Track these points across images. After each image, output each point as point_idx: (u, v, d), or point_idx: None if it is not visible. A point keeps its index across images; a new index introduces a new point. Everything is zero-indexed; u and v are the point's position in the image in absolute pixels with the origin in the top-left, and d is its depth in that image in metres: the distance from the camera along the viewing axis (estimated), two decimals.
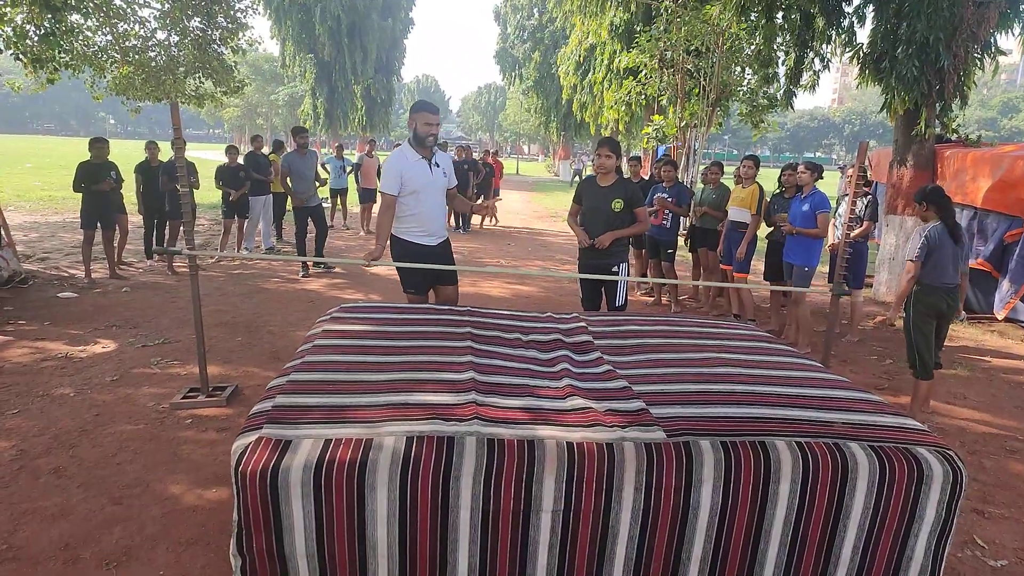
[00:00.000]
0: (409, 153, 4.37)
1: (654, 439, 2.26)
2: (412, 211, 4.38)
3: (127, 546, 2.86)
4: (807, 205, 5.96)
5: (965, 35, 7.19)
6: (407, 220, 4.41)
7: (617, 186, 4.88)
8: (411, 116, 4.38)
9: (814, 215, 5.87)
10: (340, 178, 13.25)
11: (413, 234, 4.44)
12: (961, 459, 2.36)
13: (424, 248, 4.46)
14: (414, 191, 4.34)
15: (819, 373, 3.06)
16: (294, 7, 31.12)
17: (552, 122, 34.18)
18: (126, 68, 10.85)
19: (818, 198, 5.95)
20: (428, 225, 4.47)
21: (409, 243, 4.45)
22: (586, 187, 5.08)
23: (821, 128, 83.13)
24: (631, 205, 4.85)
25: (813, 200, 5.95)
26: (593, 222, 4.95)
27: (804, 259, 6.02)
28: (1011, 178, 7.21)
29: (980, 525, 3.39)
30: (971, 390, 5.42)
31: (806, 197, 6.02)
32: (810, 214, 5.89)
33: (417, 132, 4.32)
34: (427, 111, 4.33)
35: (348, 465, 2.11)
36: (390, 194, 4.33)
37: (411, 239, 4.45)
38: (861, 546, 2.32)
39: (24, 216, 13.05)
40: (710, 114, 12.09)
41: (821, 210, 5.88)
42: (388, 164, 4.46)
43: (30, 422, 4.01)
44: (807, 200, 6.00)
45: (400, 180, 4.31)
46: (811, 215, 5.89)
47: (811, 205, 5.92)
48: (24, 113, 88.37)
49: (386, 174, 4.37)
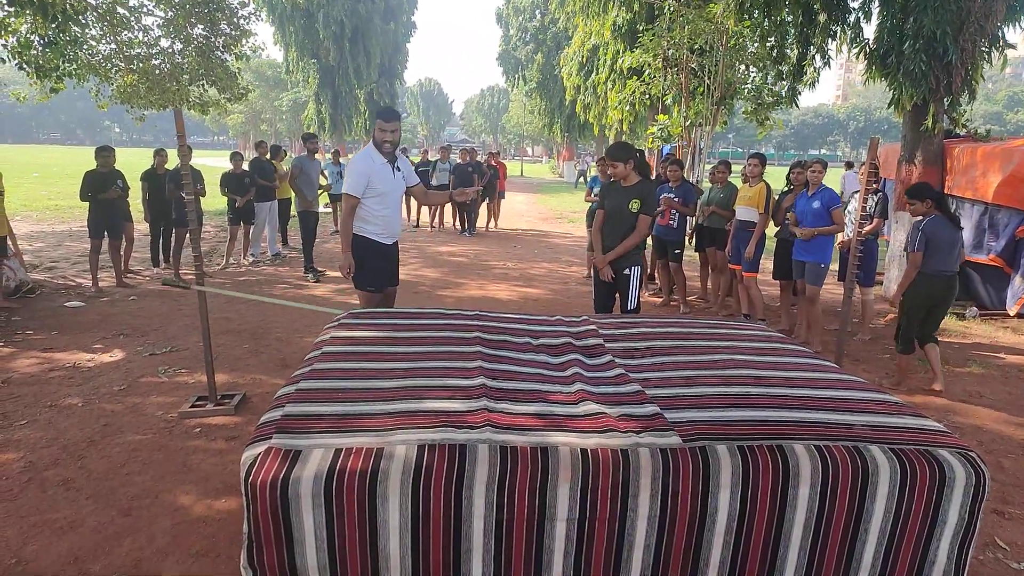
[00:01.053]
0: (375, 156, 4.43)
1: (670, 444, 2.22)
2: (379, 213, 4.48)
3: (137, 559, 2.84)
4: (818, 202, 5.95)
5: (972, 28, 7.12)
6: (374, 222, 4.50)
7: (636, 187, 4.83)
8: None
9: (827, 211, 5.88)
10: (338, 183, 13.26)
11: (377, 234, 4.53)
12: (983, 461, 2.31)
13: (384, 247, 4.59)
14: (381, 193, 4.44)
15: (835, 374, 3.01)
16: (297, 13, 31.17)
17: (556, 123, 34.15)
18: (130, 76, 10.86)
19: (828, 194, 5.95)
20: (392, 227, 4.61)
21: (372, 241, 4.53)
22: (608, 189, 5.06)
23: (825, 125, 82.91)
24: (644, 208, 4.80)
25: (823, 197, 5.95)
26: (612, 223, 4.92)
27: (818, 255, 5.98)
28: (1022, 173, 7.14)
29: (1001, 526, 3.33)
30: (986, 388, 5.35)
31: (815, 194, 6.01)
32: (822, 211, 5.90)
33: (375, 138, 4.43)
34: (381, 118, 4.43)
35: (359, 475, 2.07)
36: (355, 196, 4.38)
37: (374, 238, 4.53)
38: (883, 551, 2.27)
39: (31, 226, 13.09)
40: (715, 113, 12.02)
41: (835, 205, 5.89)
42: (354, 166, 4.49)
43: (38, 433, 3.99)
44: (816, 197, 5.99)
45: (367, 182, 4.38)
46: (823, 212, 5.89)
47: (822, 202, 5.92)
48: (30, 123, 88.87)
49: (352, 175, 4.41)
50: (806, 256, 6.06)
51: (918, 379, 5.39)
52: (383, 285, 4.67)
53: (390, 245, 4.65)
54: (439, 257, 10.96)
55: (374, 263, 4.53)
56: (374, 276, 4.58)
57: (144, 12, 11.04)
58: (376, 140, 4.42)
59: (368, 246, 4.53)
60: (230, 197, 9.62)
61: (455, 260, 10.84)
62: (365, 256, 4.52)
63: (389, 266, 4.67)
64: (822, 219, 5.91)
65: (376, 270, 4.56)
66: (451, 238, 13.52)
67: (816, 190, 6.03)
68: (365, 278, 4.57)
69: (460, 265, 10.41)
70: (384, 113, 4.47)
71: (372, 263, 4.52)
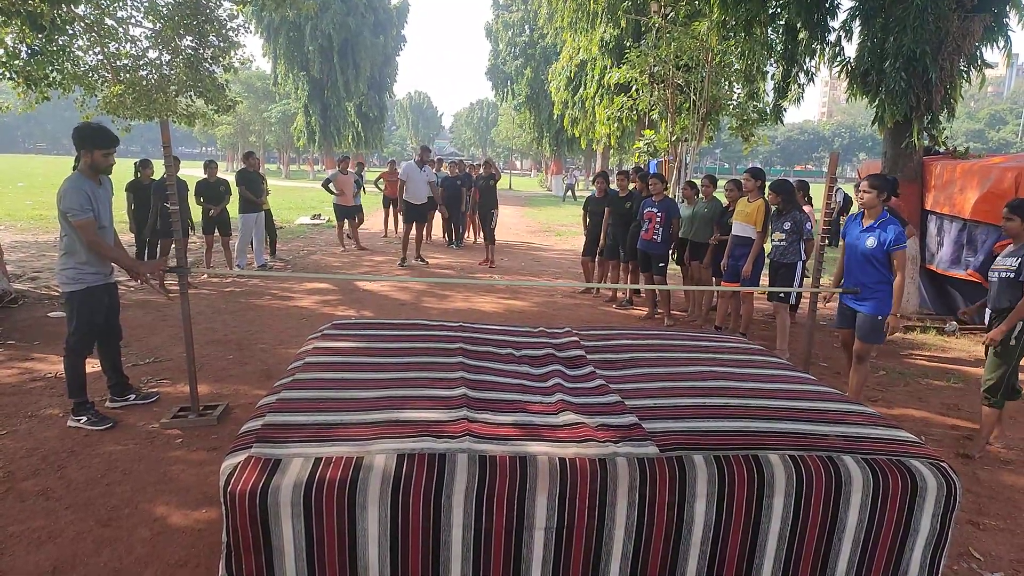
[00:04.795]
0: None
1: (647, 454, 2.25)
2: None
3: (116, 568, 2.82)
4: (874, 239, 4.53)
5: (951, 48, 7.28)
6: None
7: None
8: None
9: (884, 252, 4.50)
10: (355, 195, 13.20)
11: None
12: (955, 471, 2.35)
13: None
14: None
15: (812, 385, 3.06)
16: (285, 25, 31.26)
17: (544, 137, 34.39)
18: (117, 87, 10.83)
19: (892, 231, 4.48)
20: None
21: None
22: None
23: (811, 141, 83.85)
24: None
25: (883, 234, 4.50)
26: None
27: (878, 307, 4.60)
28: (999, 189, 7.26)
29: (975, 537, 3.37)
30: (964, 401, 5.42)
31: (871, 226, 4.58)
32: (878, 252, 4.51)
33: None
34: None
35: (338, 484, 2.09)
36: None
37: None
38: (856, 559, 2.31)
39: (15, 235, 12.99)
40: (701, 128, 12.17)
41: (898, 246, 4.46)
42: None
43: (17, 443, 3.96)
44: (873, 231, 4.55)
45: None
46: (880, 252, 4.51)
47: (879, 241, 4.50)
48: (16, 132, 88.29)
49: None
50: (857, 304, 4.72)
51: (900, 395, 5.44)
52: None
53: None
54: (424, 268, 10.98)
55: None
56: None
57: (132, 23, 11.03)
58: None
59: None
60: (204, 206, 9.46)
61: (440, 271, 10.86)
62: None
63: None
64: (874, 262, 4.54)
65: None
66: (438, 249, 13.53)
67: (875, 220, 4.58)
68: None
69: (446, 276, 10.43)
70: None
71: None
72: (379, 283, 9.35)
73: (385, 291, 8.93)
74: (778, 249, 6.24)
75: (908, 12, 7.15)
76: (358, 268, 10.90)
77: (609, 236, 8.38)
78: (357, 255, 12.32)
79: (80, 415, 4.25)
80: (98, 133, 4.18)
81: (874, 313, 4.60)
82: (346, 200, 12.48)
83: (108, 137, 4.18)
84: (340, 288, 9.02)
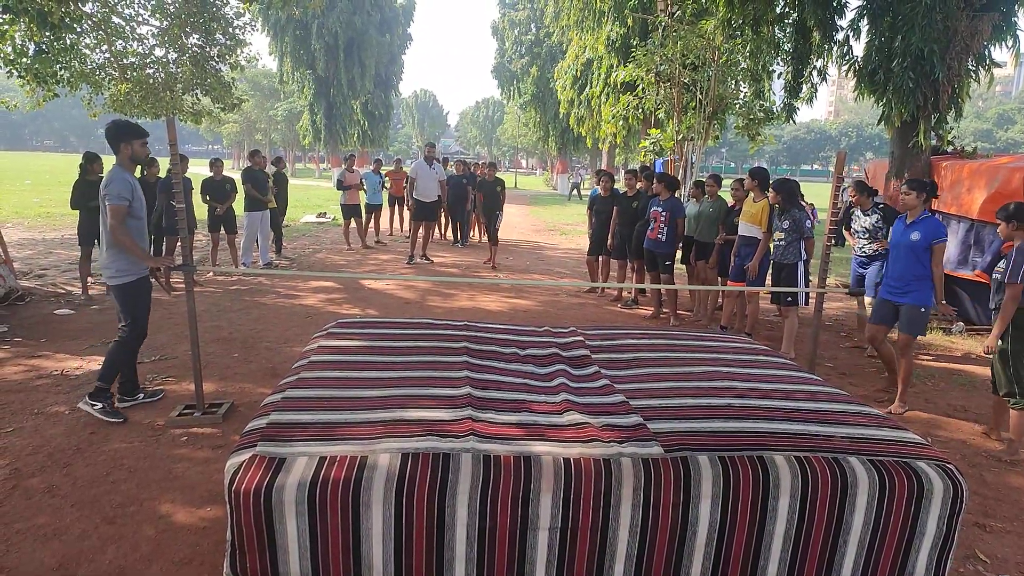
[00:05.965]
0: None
1: (652, 454, 2.24)
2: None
3: (121, 566, 2.83)
4: (917, 233, 4.85)
5: (959, 47, 7.25)
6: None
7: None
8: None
9: (927, 246, 4.82)
10: (376, 194, 13.21)
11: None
12: (961, 473, 2.34)
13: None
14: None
15: (818, 386, 3.05)
16: (291, 23, 31.28)
17: (550, 136, 34.35)
18: (124, 85, 10.87)
19: (931, 226, 4.85)
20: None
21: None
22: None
23: (818, 141, 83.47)
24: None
25: (925, 228, 4.85)
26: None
27: (918, 296, 4.89)
28: (1007, 189, 7.22)
29: (982, 539, 3.35)
30: (971, 403, 5.39)
31: (913, 223, 4.93)
32: (921, 246, 4.83)
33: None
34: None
35: (343, 483, 2.09)
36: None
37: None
38: (862, 562, 2.30)
39: (22, 233, 13.05)
40: (707, 127, 12.13)
41: (938, 240, 4.81)
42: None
43: (24, 440, 3.98)
44: (916, 227, 4.89)
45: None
46: (922, 247, 4.83)
47: (923, 234, 4.83)
48: (24, 130, 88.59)
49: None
50: (900, 297, 4.97)
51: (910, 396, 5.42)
52: None
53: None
54: (429, 267, 10.98)
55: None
56: None
57: (139, 21, 11.07)
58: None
59: None
60: (210, 204, 9.52)
61: (446, 270, 10.86)
62: None
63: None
64: (917, 257, 4.86)
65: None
66: (443, 248, 13.53)
67: (917, 217, 4.93)
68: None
69: (451, 275, 10.43)
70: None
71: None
72: (384, 282, 9.36)
73: (390, 290, 8.94)
74: (778, 249, 6.23)
75: (916, 11, 7.12)
76: (363, 267, 10.91)
77: (616, 235, 8.37)
78: (363, 254, 12.33)
79: (97, 400, 4.29)
80: (133, 125, 4.35)
81: (917, 304, 4.89)
82: (352, 198, 12.49)
83: (141, 128, 4.35)
84: (345, 287, 9.03)
